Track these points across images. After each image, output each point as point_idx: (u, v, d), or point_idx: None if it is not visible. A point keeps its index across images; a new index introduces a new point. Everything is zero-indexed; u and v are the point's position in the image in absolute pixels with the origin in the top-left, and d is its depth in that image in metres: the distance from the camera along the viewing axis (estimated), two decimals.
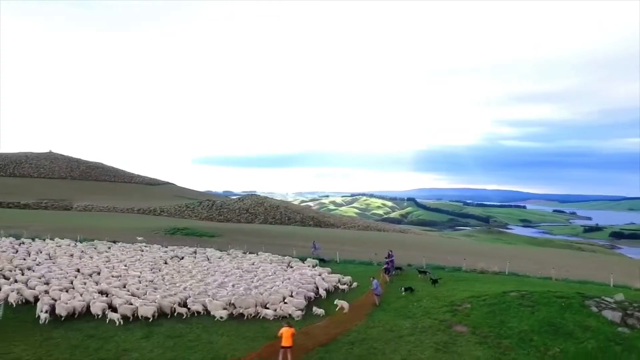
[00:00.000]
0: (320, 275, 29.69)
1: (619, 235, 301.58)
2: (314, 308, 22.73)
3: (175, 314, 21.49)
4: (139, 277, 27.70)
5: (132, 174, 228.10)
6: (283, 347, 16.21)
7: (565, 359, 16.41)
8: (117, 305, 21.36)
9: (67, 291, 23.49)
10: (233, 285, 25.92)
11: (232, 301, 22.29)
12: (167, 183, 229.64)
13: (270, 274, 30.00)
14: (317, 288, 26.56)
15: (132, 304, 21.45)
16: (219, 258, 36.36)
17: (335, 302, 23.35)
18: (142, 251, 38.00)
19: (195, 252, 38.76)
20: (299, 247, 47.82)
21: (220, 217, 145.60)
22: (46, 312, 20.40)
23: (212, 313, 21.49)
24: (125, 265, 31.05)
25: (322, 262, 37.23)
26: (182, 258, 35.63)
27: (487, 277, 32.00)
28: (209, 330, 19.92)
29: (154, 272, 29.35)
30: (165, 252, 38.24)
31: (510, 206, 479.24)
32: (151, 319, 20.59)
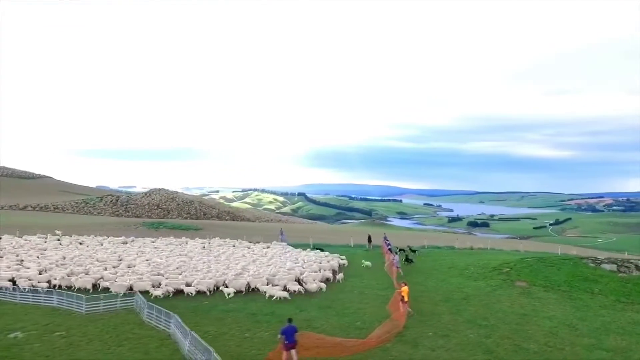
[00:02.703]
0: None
1: (474, 224, 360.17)
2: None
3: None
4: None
5: None
6: (403, 302, 21.01)
7: (606, 294, 24.48)
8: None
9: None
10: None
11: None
12: (44, 176, 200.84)
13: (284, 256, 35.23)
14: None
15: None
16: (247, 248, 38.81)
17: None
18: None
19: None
20: (263, 236, 51.54)
21: (127, 213, 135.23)
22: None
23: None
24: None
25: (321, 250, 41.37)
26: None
27: (479, 251, 40.44)
28: (347, 301, 23.36)
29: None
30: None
31: (389, 200, 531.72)
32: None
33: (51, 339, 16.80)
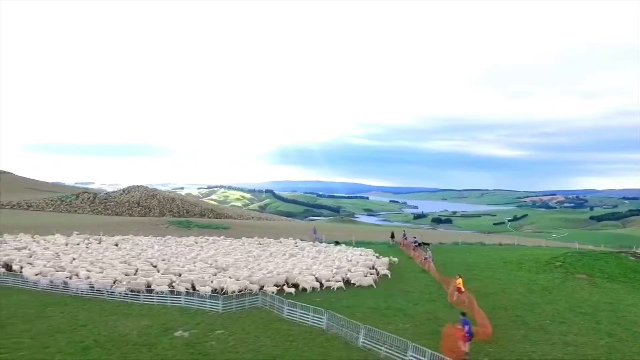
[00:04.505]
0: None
1: (437, 220, 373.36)
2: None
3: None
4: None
5: None
6: (461, 291, 23.13)
7: None
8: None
9: None
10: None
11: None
12: (4, 172, 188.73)
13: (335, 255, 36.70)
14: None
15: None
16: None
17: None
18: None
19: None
20: (298, 235, 52.35)
21: (107, 211, 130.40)
22: None
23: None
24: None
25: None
26: None
27: (509, 247, 43.44)
28: (444, 294, 25.02)
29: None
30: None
31: (356, 197, 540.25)
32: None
33: (219, 337, 17.19)
